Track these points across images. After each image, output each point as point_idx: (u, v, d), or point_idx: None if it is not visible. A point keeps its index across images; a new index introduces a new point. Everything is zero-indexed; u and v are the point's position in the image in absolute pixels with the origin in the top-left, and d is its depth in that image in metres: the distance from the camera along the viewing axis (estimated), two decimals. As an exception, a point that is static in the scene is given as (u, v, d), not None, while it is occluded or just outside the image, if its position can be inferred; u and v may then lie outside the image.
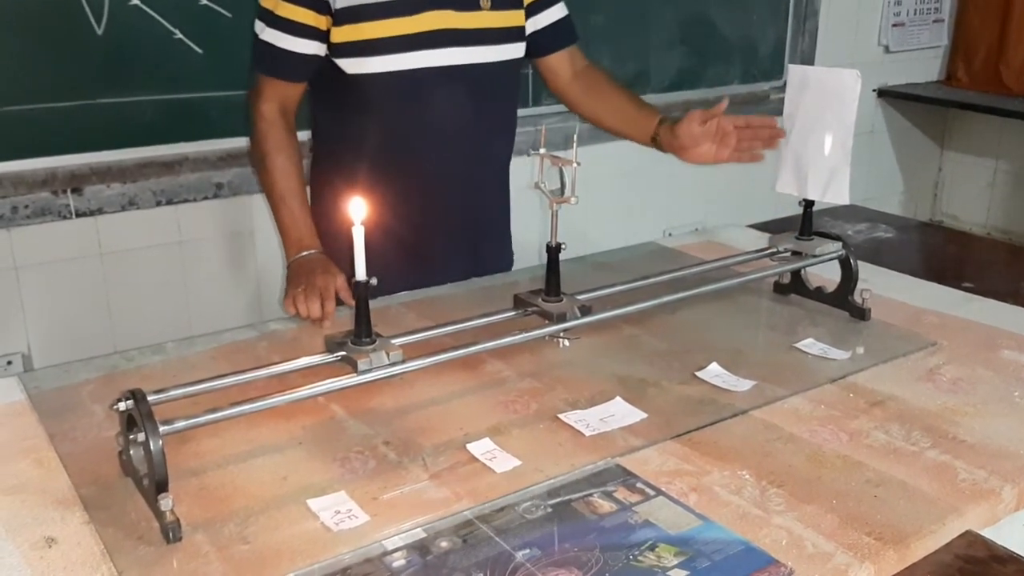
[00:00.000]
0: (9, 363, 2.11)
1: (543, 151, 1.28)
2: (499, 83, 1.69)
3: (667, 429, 1.16)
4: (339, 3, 1.52)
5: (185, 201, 2.23)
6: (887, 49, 3.67)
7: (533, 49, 1.73)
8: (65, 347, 2.10)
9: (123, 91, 2.08)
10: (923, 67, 3.83)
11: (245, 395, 1.08)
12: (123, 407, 0.98)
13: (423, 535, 0.95)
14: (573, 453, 1.10)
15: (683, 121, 1.62)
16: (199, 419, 1.02)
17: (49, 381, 1.29)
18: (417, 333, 1.26)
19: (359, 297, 1.12)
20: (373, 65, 1.55)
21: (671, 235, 2.49)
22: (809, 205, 1.51)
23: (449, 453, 1.10)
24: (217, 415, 1.04)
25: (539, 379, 1.29)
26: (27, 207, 2.04)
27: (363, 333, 1.13)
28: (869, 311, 1.50)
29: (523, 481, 1.04)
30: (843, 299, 1.52)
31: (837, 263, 1.52)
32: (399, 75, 1.56)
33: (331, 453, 1.10)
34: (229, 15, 2.14)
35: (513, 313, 1.34)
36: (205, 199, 2.25)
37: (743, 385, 1.27)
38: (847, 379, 1.30)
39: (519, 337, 1.28)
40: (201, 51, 2.15)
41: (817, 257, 1.52)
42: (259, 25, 1.57)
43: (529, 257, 1.90)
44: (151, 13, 2.07)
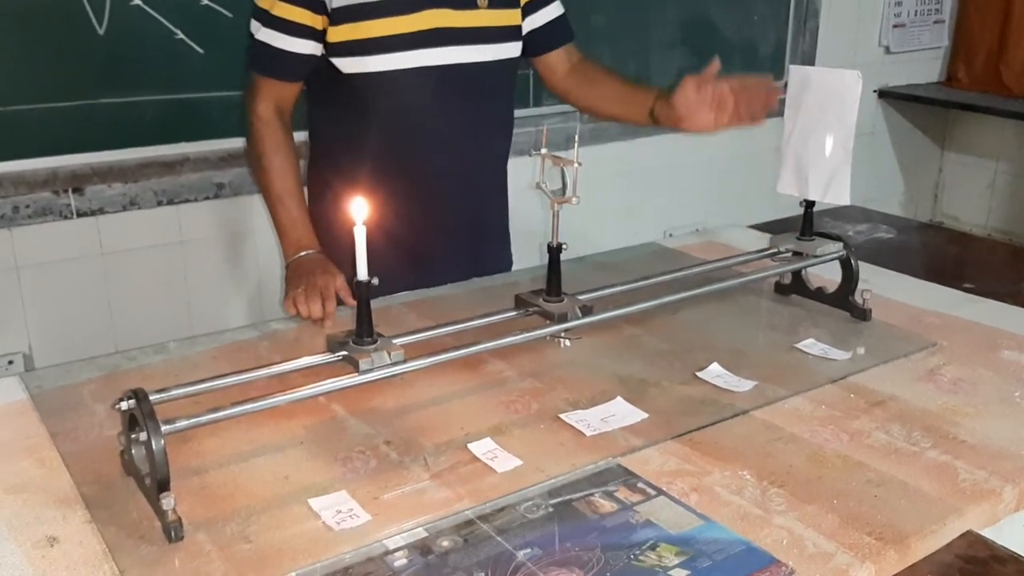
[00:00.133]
0: (10, 363, 2.11)
1: (544, 151, 1.28)
2: (496, 82, 1.69)
3: (668, 429, 1.16)
4: (336, 2, 1.52)
5: (186, 201, 2.23)
6: (888, 50, 3.67)
7: (530, 48, 1.73)
8: (66, 347, 2.11)
9: (124, 91, 2.08)
10: (924, 68, 3.83)
11: (246, 395, 1.08)
12: (125, 406, 0.98)
13: (424, 534, 0.95)
14: (574, 453, 1.10)
15: (678, 90, 1.59)
16: (201, 418, 1.02)
17: (51, 380, 1.29)
18: (418, 333, 1.26)
19: (360, 297, 1.12)
20: (370, 64, 1.55)
21: (672, 235, 2.49)
22: (810, 206, 1.51)
23: (450, 453, 1.10)
24: (219, 415, 1.04)
25: (540, 379, 1.29)
26: (28, 207, 2.04)
27: (364, 333, 1.13)
28: (870, 311, 1.50)
29: (524, 481, 1.04)
30: (844, 300, 1.52)
31: (838, 264, 1.52)
32: (396, 74, 1.56)
33: (332, 453, 1.10)
34: (230, 15, 2.15)
35: (514, 313, 1.34)
36: (206, 199, 2.25)
37: (744, 385, 1.28)
38: (848, 379, 1.30)
39: (520, 337, 1.28)
40: (202, 51, 2.15)
41: (818, 257, 1.52)
42: (255, 25, 1.57)
43: (530, 257, 1.90)
44: (152, 13, 2.07)
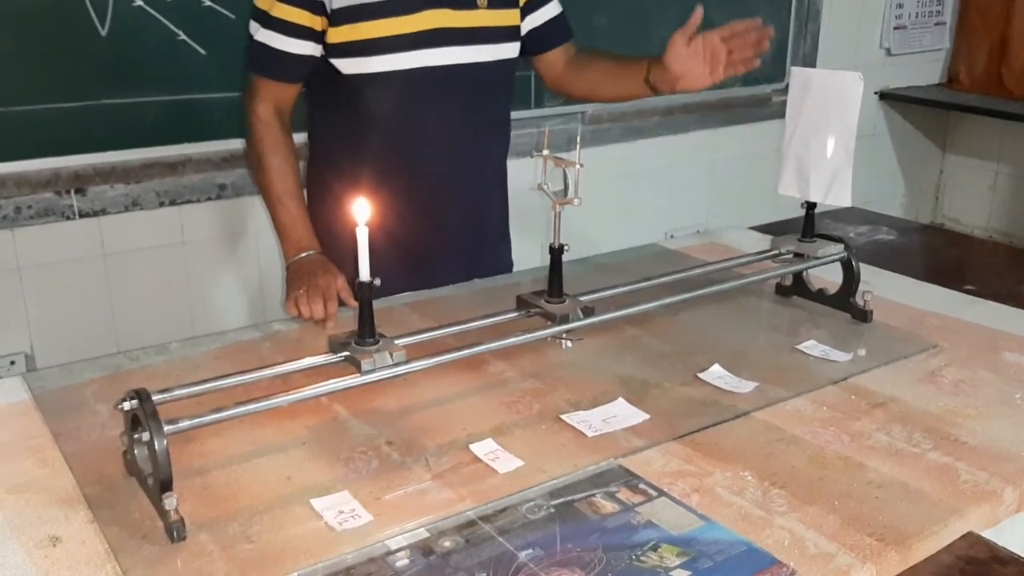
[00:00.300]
0: (12, 363, 2.11)
1: (546, 152, 1.28)
2: (495, 82, 1.69)
3: (669, 430, 1.16)
4: (335, 3, 1.52)
5: (188, 202, 2.23)
6: (889, 52, 3.68)
7: (530, 47, 1.73)
8: (68, 347, 2.11)
9: (126, 92, 2.08)
10: (925, 70, 3.83)
11: (249, 395, 1.08)
12: (128, 407, 0.99)
13: (426, 535, 0.95)
14: (575, 454, 1.10)
15: (668, 49, 1.59)
16: (203, 419, 1.03)
17: (53, 381, 1.29)
18: (420, 334, 1.26)
19: (362, 298, 1.12)
20: (370, 65, 1.56)
21: (673, 237, 2.49)
22: (811, 207, 1.51)
23: (452, 453, 1.10)
24: (221, 415, 1.04)
25: (542, 380, 1.29)
26: (31, 207, 2.05)
27: (366, 333, 1.13)
28: (871, 313, 1.50)
29: (526, 481, 1.04)
30: (845, 301, 1.52)
31: (839, 265, 1.52)
32: (396, 75, 1.56)
33: (335, 453, 1.11)
34: (232, 16, 2.15)
35: (516, 314, 1.34)
36: (208, 200, 2.25)
37: (745, 386, 1.28)
38: (849, 381, 1.31)
39: (522, 338, 1.28)
40: (204, 52, 2.15)
41: (819, 259, 1.52)
42: (254, 26, 1.57)
43: (531, 258, 1.90)
44: (155, 14, 2.07)
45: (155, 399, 0.98)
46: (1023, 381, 1.31)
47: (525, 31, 1.70)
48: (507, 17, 1.65)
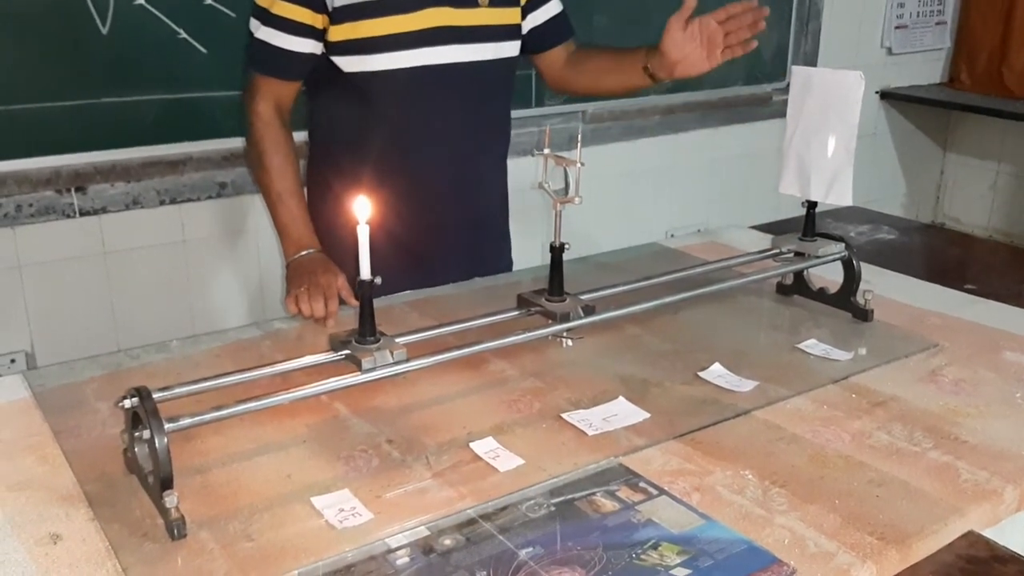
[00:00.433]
0: (12, 361, 2.11)
1: (547, 151, 1.29)
2: (496, 81, 1.69)
3: (670, 429, 1.16)
4: (337, 1, 1.52)
5: (189, 200, 2.23)
6: (890, 51, 3.68)
7: (531, 45, 1.73)
8: (68, 346, 2.11)
9: (127, 90, 2.08)
10: (926, 69, 3.83)
11: (249, 393, 1.08)
12: (128, 404, 0.99)
13: (427, 533, 0.95)
14: (576, 452, 1.10)
15: (664, 35, 1.59)
16: (204, 416, 1.03)
17: (54, 379, 1.29)
18: (421, 332, 1.26)
19: (363, 296, 1.12)
20: (372, 63, 1.56)
21: (674, 236, 2.49)
22: (812, 206, 1.51)
23: (452, 452, 1.10)
24: (222, 413, 1.04)
25: (542, 378, 1.29)
26: (31, 206, 2.05)
27: (367, 332, 1.13)
28: (871, 312, 1.50)
29: (526, 480, 1.04)
30: (845, 300, 1.52)
31: (839, 264, 1.52)
32: (398, 73, 1.56)
33: (335, 451, 1.11)
34: (233, 15, 2.15)
35: (516, 313, 1.34)
36: (209, 198, 2.25)
37: (746, 385, 1.28)
38: (849, 380, 1.31)
39: (522, 336, 1.28)
40: (205, 51, 2.15)
41: (820, 258, 1.52)
42: (254, 23, 1.57)
43: (532, 257, 1.90)
44: (155, 13, 2.07)
45: (155, 397, 0.98)
46: (1023, 380, 1.31)
47: (526, 30, 1.70)
48: (508, 15, 1.65)
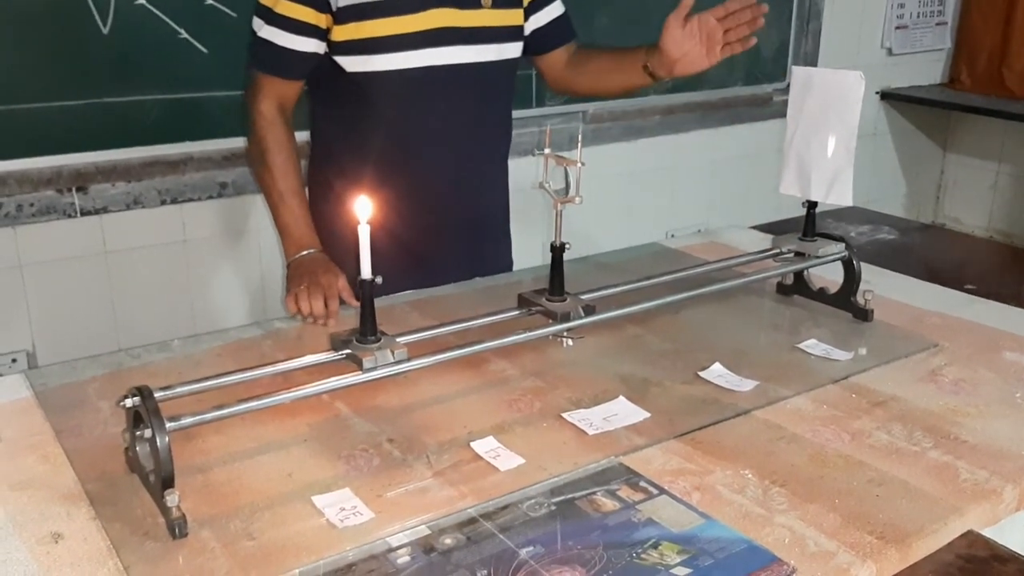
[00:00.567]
0: (14, 361, 2.11)
1: (548, 151, 1.29)
2: (498, 82, 1.70)
3: (670, 428, 1.16)
4: (340, 1, 1.52)
5: (189, 200, 2.23)
6: (890, 51, 3.68)
7: (533, 47, 1.73)
8: (69, 345, 2.11)
9: (128, 90, 2.09)
10: (926, 70, 3.83)
11: (250, 392, 1.09)
12: (130, 403, 0.99)
13: (427, 532, 0.95)
14: (576, 452, 1.11)
15: (663, 33, 1.59)
16: (205, 415, 1.03)
17: (55, 378, 1.29)
18: (421, 332, 1.26)
19: (364, 295, 1.12)
20: (375, 63, 1.56)
21: (674, 236, 2.49)
22: (812, 206, 1.52)
23: (453, 451, 1.11)
24: (223, 412, 1.04)
25: (543, 378, 1.30)
26: (32, 205, 2.05)
27: (368, 331, 1.13)
28: (871, 312, 1.50)
29: (527, 479, 1.05)
30: (846, 300, 1.52)
31: (840, 264, 1.52)
32: (400, 73, 1.57)
33: (336, 450, 1.11)
34: (234, 15, 2.15)
35: (517, 312, 1.34)
36: (210, 198, 2.26)
37: (746, 385, 1.28)
38: (849, 379, 1.31)
39: (523, 336, 1.28)
40: (206, 51, 2.15)
41: (820, 258, 1.52)
42: (257, 22, 1.57)
43: (532, 257, 1.90)
44: (156, 12, 2.07)
45: (157, 396, 0.98)
46: (1023, 380, 1.31)
47: (528, 31, 1.71)
48: (511, 17, 1.65)
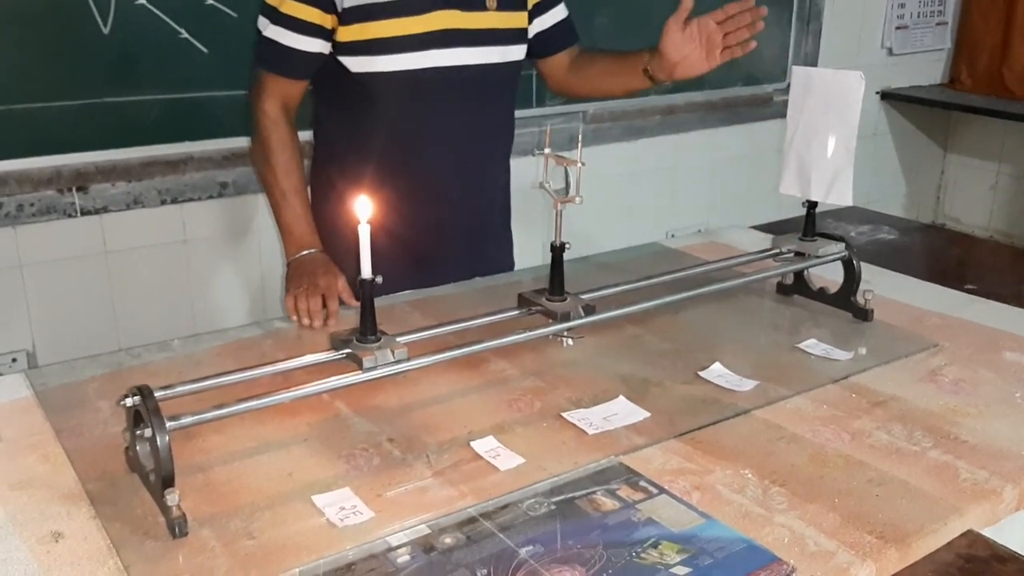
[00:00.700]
0: (14, 360, 2.12)
1: (548, 151, 1.29)
2: (502, 83, 1.70)
3: (670, 428, 1.16)
4: (346, 2, 1.52)
5: (190, 200, 2.23)
6: (890, 52, 3.68)
7: (536, 50, 1.74)
8: (69, 345, 2.11)
9: (129, 90, 2.09)
10: (926, 70, 3.83)
11: (250, 392, 1.09)
12: (130, 403, 0.99)
13: (427, 532, 0.95)
14: (576, 451, 1.11)
15: (663, 37, 1.59)
16: (206, 415, 1.03)
17: (55, 378, 1.29)
18: (421, 331, 1.26)
19: (365, 295, 1.12)
20: (380, 64, 1.56)
21: (674, 236, 2.49)
22: (812, 206, 1.52)
23: (453, 451, 1.11)
24: (223, 411, 1.04)
25: (543, 378, 1.30)
26: (33, 205, 2.05)
27: (368, 331, 1.13)
28: (871, 312, 1.50)
29: (527, 479, 1.05)
30: (846, 300, 1.52)
31: (840, 264, 1.52)
32: (405, 74, 1.57)
33: (336, 450, 1.11)
34: (234, 15, 2.15)
35: (517, 312, 1.34)
36: (210, 198, 2.26)
37: (746, 385, 1.28)
38: (849, 379, 1.31)
39: (523, 336, 1.28)
40: (207, 51, 2.15)
41: (820, 258, 1.52)
42: (263, 22, 1.58)
43: (532, 257, 1.90)
44: (157, 12, 2.07)
45: (157, 395, 0.98)
46: (1023, 380, 1.31)
47: (532, 34, 1.71)
48: (515, 19, 1.66)
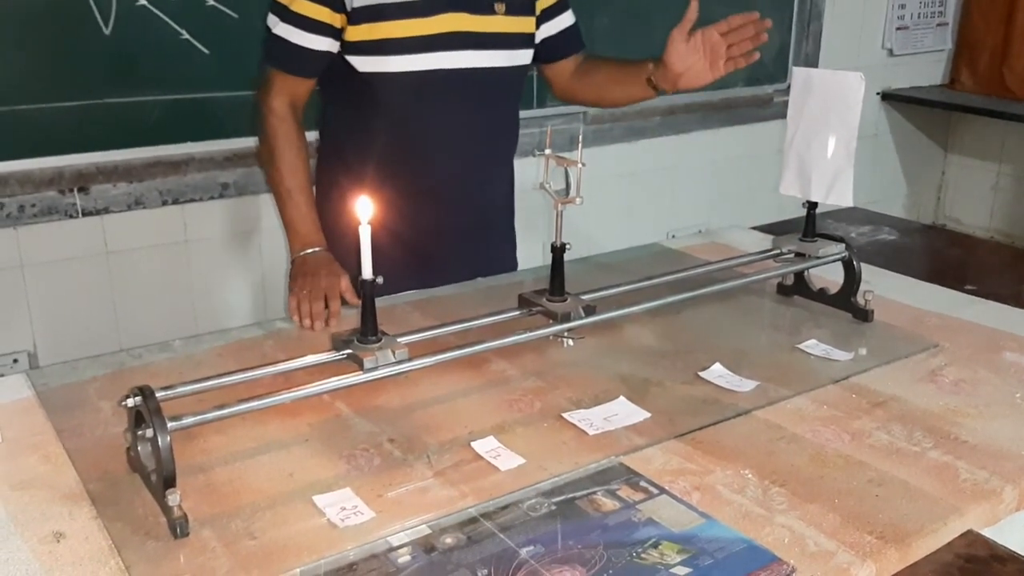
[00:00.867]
0: (15, 361, 2.12)
1: (549, 152, 1.29)
2: (507, 87, 1.70)
3: (670, 428, 1.16)
4: (356, 2, 1.52)
5: (191, 201, 2.23)
6: (891, 52, 3.68)
7: (542, 55, 1.75)
8: (70, 345, 2.11)
9: (130, 91, 2.09)
10: (927, 70, 3.83)
11: (251, 392, 1.09)
12: (131, 403, 0.99)
13: (428, 532, 0.95)
14: (577, 452, 1.11)
15: (667, 47, 1.60)
16: (207, 415, 1.03)
17: (57, 378, 1.29)
18: (422, 332, 1.26)
19: (365, 295, 1.12)
20: (387, 64, 1.56)
21: (675, 237, 2.49)
22: (812, 207, 1.52)
23: (454, 451, 1.11)
24: (224, 411, 1.04)
25: (543, 378, 1.30)
26: (34, 206, 2.05)
27: (369, 331, 1.13)
28: (872, 313, 1.50)
29: (527, 479, 1.05)
30: (846, 301, 1.52)
31: (840, 265, 1.53)
32: (412, 75, 1.57)
33: (337, 450, 1.11)
34: (235, 16, 2.15)
35: (518, 312, 1.35)
36: (211, 199, 2.26)
37: (746, 385, 1.28)
38: (850, 380, 1.31)
39: (523, 336, 1.28)
40: (208, 51, 2.15)
41: (820, 259, 1.52)
42: (272, 19, 1.58)
43: (533, 257, 1.90)
44: (158, 13, 2.08)
45: (158, 396, 0.99)
46: (1023, 380, 1.32)
47: (539, 39, 1.71)
48: (523, 24, 1.66)
